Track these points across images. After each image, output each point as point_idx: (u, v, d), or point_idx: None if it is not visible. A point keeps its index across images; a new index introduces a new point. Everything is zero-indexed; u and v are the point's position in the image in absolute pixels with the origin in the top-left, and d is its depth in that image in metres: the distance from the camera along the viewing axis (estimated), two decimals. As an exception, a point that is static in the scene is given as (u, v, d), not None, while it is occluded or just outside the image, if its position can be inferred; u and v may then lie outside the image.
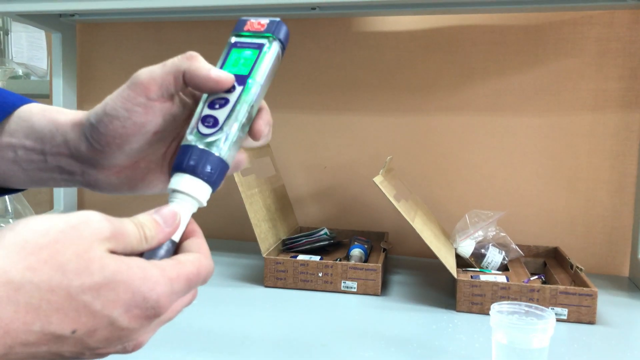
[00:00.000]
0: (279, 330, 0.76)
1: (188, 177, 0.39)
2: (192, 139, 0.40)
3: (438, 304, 0.88)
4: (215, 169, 0.40)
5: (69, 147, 0.42)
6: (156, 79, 0.39)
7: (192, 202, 0.40)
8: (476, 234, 0.99)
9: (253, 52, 0.43)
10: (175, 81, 0.40)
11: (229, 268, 1.05)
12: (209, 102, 0.41)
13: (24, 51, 1.60)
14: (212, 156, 0.40)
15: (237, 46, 0.43)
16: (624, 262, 1.11)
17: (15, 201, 1.09)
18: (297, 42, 1.27)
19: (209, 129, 0.40)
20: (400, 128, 1.22)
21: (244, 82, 0.42)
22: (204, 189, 0.40)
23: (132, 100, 0.39)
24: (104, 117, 0.40)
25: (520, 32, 1.14)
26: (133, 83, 0.39)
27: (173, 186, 0.40)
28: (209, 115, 0.41)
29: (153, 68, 0.40)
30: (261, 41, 0.44)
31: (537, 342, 0.59)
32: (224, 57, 0.43)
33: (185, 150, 0.40)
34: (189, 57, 0.40)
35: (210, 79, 0.40)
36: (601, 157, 1.12)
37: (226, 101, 0.41)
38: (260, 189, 1.04)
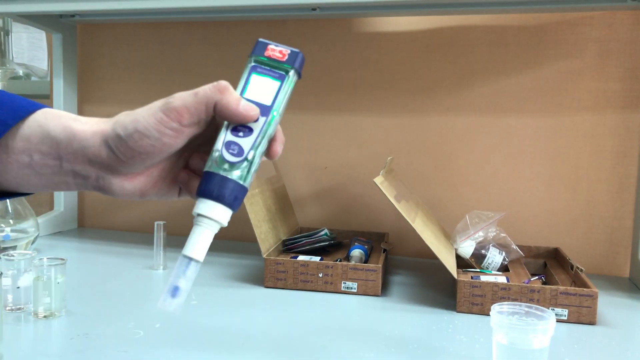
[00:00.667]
0: (279, 330, 0.76)
1: (214, 203, 0.43)
2: (217, 167, 0.43)
3: (438, 304, 0.87)
4: (239, 196, 0.43)
5: (87, 153, 0.44)
6: (189, 107, 0.42)
7: (216, 226, 0.43)
8: (476, 235, 0.98)
9: (274, 81, 0.45)
10: (206, 111, 0.43)
11: (229, 269, 1.05)
12: (232, 129, 0.44)
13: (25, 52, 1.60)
14: (237, 185, 0.43)
15: (257, 71, 0.45)
16: (625, 262, 1.11)
17: (16, 202, 1.09)
18: (297, 43, 1.26)
19: (233, 157, 0.43)
20: (400, 128, 1.22)
21: (267, 113, 0.44)
22: (227, 214, 0.44)
23: (165, 124, 0.42)
24: (135, 134, 0.42)
25: (521, 33, 1.14)
26: (167, 108, 0.42)
27: (201, 212, 0.43)
28: (232, 142, 0.43)
29: (186, 96, 0.42)
30: (282, 72, 0.46)
31: (538, 342, 0.59)
32: (245, 80, 0.45)
33: (211, 178, 0.43)
34: (221, 89, 0.43)
35: (240, 114, 0.43)
36: (602, 157, 1.12)
37: (250, 130, 0.44)
38: (260, 189, 1.04)
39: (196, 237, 0.43)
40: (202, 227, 0.43)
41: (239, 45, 1.30)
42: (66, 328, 0.75)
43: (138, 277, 0.99)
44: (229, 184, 0.43)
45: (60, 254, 0.99)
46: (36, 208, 1.16)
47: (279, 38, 1.27)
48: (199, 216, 0.43)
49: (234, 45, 1.30)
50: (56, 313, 0.78)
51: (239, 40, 1.30)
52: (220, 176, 0.43)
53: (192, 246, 0.43)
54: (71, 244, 1.25)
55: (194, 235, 0.43)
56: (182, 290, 0.42)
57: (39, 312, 0.77)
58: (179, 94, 0.43)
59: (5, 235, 1.06)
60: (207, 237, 0.43)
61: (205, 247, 0.43)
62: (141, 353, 0.67)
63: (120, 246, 1.21)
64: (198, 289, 0.92)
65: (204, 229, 0.43)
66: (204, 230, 0.43)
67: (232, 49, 1.30)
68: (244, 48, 1.30)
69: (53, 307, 0.77)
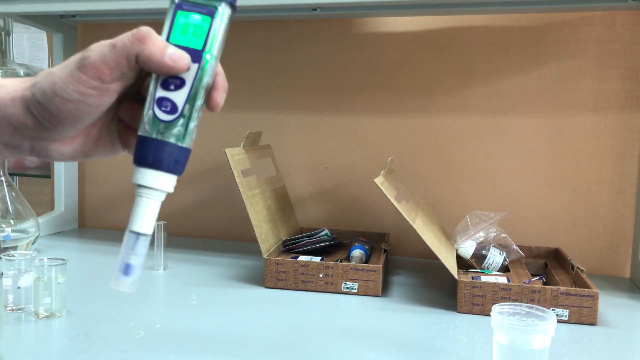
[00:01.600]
0: (279, 331, 0.76)
1: (153, 172, 0.39)
2: (150, 128, 0.39)
3: (439, 305, 0.87)
4: (180, 159, 0.39)
5: (11, 122, 0.39)
6: (108, 62, 0.37)
7: (161, 195, 0.40)
8: (477, 235, 0.98)
9: (204, 18, 0.39)
10: (128, 63, 0.38)
11: (230, 269, 1.05)
12: (162, 82, 0.39)
13: (25, 52, 1.60)
14: (176, 147, 0.39)
15: (182, 9, 0.39)
16: (625, 263, 1.11)
17: (16, 202, 1.09)
18: (297, 43, 1.27)
19: (167, 115, 0.39)
20: (401, 129, 1.22)
21: (200, 58, 0.39)
22: (170, 180, 0.40)
23: (85, 84, 0.37)
24: (54, 98, 0.38)
25: (521, 33, 1.14)
26: (84, 65, 0.37)
27: (140, 182, 0.39)
28: (164, 97, 0.39)
29: (103, 49, 0.38)
30: (211, 7, 0.39)
31: (538, 343, 0.59)
32: (169, 23, 0.39)
33: (146, 143, 0.39)
34: (141, 38, 0.37)
35: (166, 64, 0.38)
36: (602, 158, 1.11)
37: (182, 82, 0.39)
38: (261, 189, 1.04)
39: (140, 210, 0.40)
40: (144, 198, 0.39)
41: (239, 46, 1.30)
42: (67, 328, 0.75)
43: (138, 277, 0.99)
44: (166, 147, 0.38)
45: (61, 254, 0.99)
46: (37, 208, 1.16)
47: (279, 38, 1.27)
48: (140, 187, 0.39)
49: (234, 45, 1.30)
50: (57, 313, 0.78)
51: (239, 40, 1.30)
52: (155, 140, 0.38)
53: (137, 220, 0.40)
54: (72, 244, 1.25)
55: (137, 208, 0.40)
56: (134, 267, 0.40)
57: (40, 312, 0.77)
58: (96, 46, 0.38)
59: (6, 235, 1.06)
60: (152, 208, 0.40)
61: (152, 219, 0.40)
62: (141, 353, 0.67)
63: (120, 246, 1.21)
64: (198, 289, 0.92)
65: (147, 199, 0.39)
66: (147, 202, 0.39)
67: (232, 49, 1.30)
68: (245, 48, 1.30)
69: (53, 307, 0.77)
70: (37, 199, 1.49)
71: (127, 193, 1.40)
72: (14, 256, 0.80)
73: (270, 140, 1.25)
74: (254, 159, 1.07)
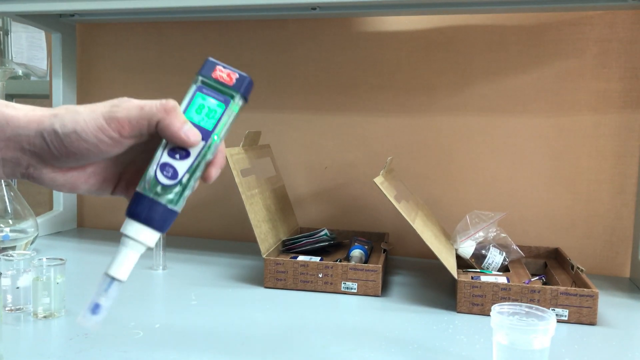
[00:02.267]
0: (278, 331, 0.75)
1: (141, 226, 0.43)
2: (149, 187, 0.42)
3: (438, 305, 0.87)
4: (169, 220, 0.43)
5: (20, 141, 0.43)
6: (132, 120, 0.42)
7: (142, 247, 0.43)
8: (477, 235, 0.98)
9: (219, 105, 0.44)
10: (148, 126, 0.42)
11: (229, 269, 1.05)
12: (169, 149, 0.43)
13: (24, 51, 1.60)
14: (167, 209, 0.43)
15: (202, 92, 0.44)
16: (625, 263, 1.11)
17: (15, 202, 1.09)
18: (297, 42, 1.27)
19: (167, 180, 0.42)
20: (400, 128, 1.22)
21: (208, 137, 0.43)
22: (154, 236, 0.43)
23: (104, 132, 0.42)
24: (72, 134, 0.41)
25: (521, 33, 1.14)
26: (110, 117, 0.42)
27: (128, 233, 0.43)
28: (168, 164, 0.43)
29: (131, 108, 0.42)
30: (228, 96, 0.44)
31: (538, 343, 0.59)
32: (189, 100, 0.44)
33: (141, 199, 0.42)
34: (168, 109, 0.42)
35: (180, 137, 0.42)
36: (602, 157, 1.11)
37: (187, 154, 0.43)
38: (260, 189, 1.04)
39: (121, 258, 0.43)
40: (127, 248, 0.43)
41: (238, 45, 1.30)
42: (65, 328, 0.74)
43: (137, 277, 0.99)
44: (158, 208, 0.42)
45: (60, 254, 0.99)
46: (35, 208, 1.16)
47: (278, 37, 1.27)
48: (125, 237, 0.43)
49: (234, 45, 1.30)
50: (56, 313, 0.77)
51: (238, 39, 1.30)
52: (150, 199, 0.42)
53: (116, 266, 0.43)
54: (70, 244, 1.25)
55: (119, 256, 0.43)
56: (102, 308, 0.43)
57: (39, 312, 0.77)
58: (126, 104, 0.42)
59: (5, 235, 1.06)
60: (132, 258, 0.43)
61: (130, 267, 0.43)
62: (141, 353, 0.67)
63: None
64: (198, 289, 0.92)
65: (130, 250, 0.43)
66: (129, 252, 0.43)
67: (231, 49, 1.30)
68: (244, 48, 1.30)
69: (52, 307, 0.77)
70: (35, 199, 1.49)
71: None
72: (13, 256, 0.79)
73: (270, 140, 1.25)
74: (253, 158, 1.07)
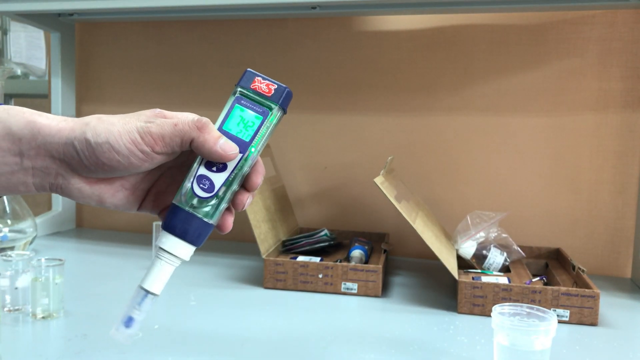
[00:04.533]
0: (278, 332, 0.75)
1: (177, 240, 0.42)
2: (185, 201, 0.42)
3: (439, 305, 0.87)
4: (204, 233, 0.43)
5: (50, 149, 0.42)
6: (165, 137, 0.41)
7: (177, 261, 0.43)
8: (478, 235, 0.98)
9: (257, 117, 0.44)
10: (181, 144, 0.42)
11: (228, 269, 1.04)
12: (205, 162, 0.43)
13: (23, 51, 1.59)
14: (203, 223, 0.42)
15: (241, 103, 0.44)
16: (627, 263, 1.11)
17: (14, 202, 1.09)
18: (297, 42, 1.26)
19: (204, 192, 0.42)
20: (401, 128, 1.22)
21: (245, 149, 0.43)
22: (189, 250, 0.43)
23: (137, 146, 0.41)
24: (105, 145, 0.41)
25: (522, 32, 1.14)
26: (145, 132, 0.41)
27: (164, 246, 0.43)
28: (205, 176, 0.42)
29: (165, 124, 0.42)
30: (266, 108, 0.44)
31: (539, 344, 0.59)
32: (227, 111, 0.44)
33: (178, 213, 0.42)
34: (201, 127, 0.42)
35: (216, 152, 0.42)
36: (604, 157, 1.11)
37: (224, 166, 0.43)
38: (260, 189, 1.04)
39: (156, 271, 0.43)
40: (163, 261, 0.43)
41: (238, 44, 1.29)
42: (64, 329, 0.74)
43: (136, 277, 0.98)
44: (194, 221, 0.42)
45: (58, 255, 0.99)
46: (34, 208, 1.16)
47: (278, 37, 1.27)
48: (161, 250, 0.43)
49: (233, 44, 1.30)
50: (54, 314, 0.77)
51: (238, 39, 1.29)
52: (186, 212, 0.42)
53: (151, 279, 0.43)
54: (69, 245, 1.24)
55: (154, 269, 0.43)
56: (135, 322, 0.43)
57: (37, 313, 0.77)
58: (160, 120, 0.42)
59: (3, 235, 1.06)
60: (167, 271, 0.43)
61: (164, 281, 0.43)
62: (140, 354, 0.66)
63: (118, 247, 1.21)
64: (197, 290, 0.92)
65: (165, 263, 0.43)
66: (164, 265, 0.43)
67: (231, 48, 1.30)
68: (244, 47, 1.29)
69: (51, 308, 0.77)
70: (34, 199, 1.49)
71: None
72: (12, 257, 0.79)
73: (270, 140, 1.25)
74: (253, 158, 1.06)
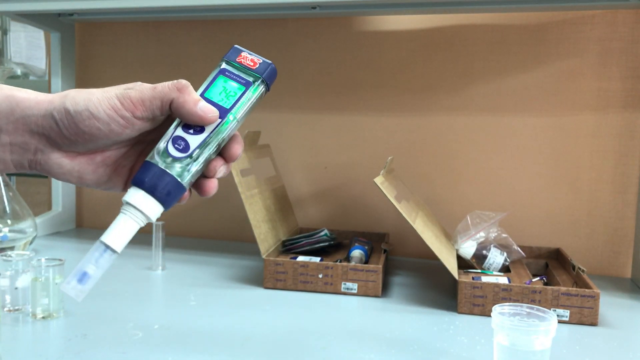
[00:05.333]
0: (278, 332, 0.75)
1: (145, 194, 0.41)
2: (158, 158, 0.41)
3: (439, 305, 0.87)
4: (173, 192, 0.42)
5: (29, 122, 0.42)
6: (145, 101, 0.42)
7: (143, 218, 0.41)
8: (478, 235, 0.98)
9: (239, 87, 0.44)
10: (161, 106, 0.42)
11: (228, 269, 1.04)
12: (184, 125, 0.43)
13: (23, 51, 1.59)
14: (174, 180, 0.41)
15: (225, 74, 0.45)
16: (627, 263, 1.11)
17: (14, 202, 1.09)
18: (297, 42, 1.26)
19: (178, 152, 0.42)
20: (401, 128, 1.22)
21: (224, 115, 0.43)
22: (157, 209, 0.42)
23: (117, 111, 0.41)
24: (84, 112, 0.41)
25: (522, 32, 1.14)
26: (124, 97, 0.41)
27: (129, 200, 0.41)
28: (181, 137, 0.42)
29: (144, 89, 0.42)
30: (249, 79, 0.45)
31: (539, 344, 0.59)
32: (210, 81, 0.45)
33: (149, 167, 0.41)
34: (180, 88, 0.42)
35: (196, 114, 0.42)
36: (604, 157, 1.11)
37: (202, 129, 0.42)
38: (260, 189, 1.04)
39: (119, 227, 0.41)
40: (127, 215, 0.41)
41: (238, 44, 1.29)
42: (64, 329, 0.74)
43: (136, 277, 0.99)
44: (164, 177, 0.41)
45: (58, 255, 0.99)
46: (34, 208, 1.15)
47: (278, 37, 1.27)
48: (127, 204, 0.41)
49: (233, 43, 1.29)
50: (54, 314, 0.77)
51: (238, 39, 1.29)
52: (157, 167, 0.41)
53: (112, 234, 0.41)
54: (69, 245, 1.24)
55: (117, 224, 0.41)
56: (90, 278, 0.40)
57: (37, 313, 0.77)
58: (139, 85, 0.42)
59: (3, 235, 1.06)
60: (130, 228, 0.41)
61: (127, 238, 0.41)
62: (140, 354, 0.66)
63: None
64: (197, 290, 0.91)
65: (129, 219, 0.41)
66: (128, 220, 0.41)
67: (230, 48, 1.30)
68: (243, 47, 1.29)
69: (51, 308, 0.77)
70: (34, 199, 1.49)
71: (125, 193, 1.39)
72: (12, 256, 0.79)
73: (269, 140, 1.25)
74: (253, 158, 1.06)
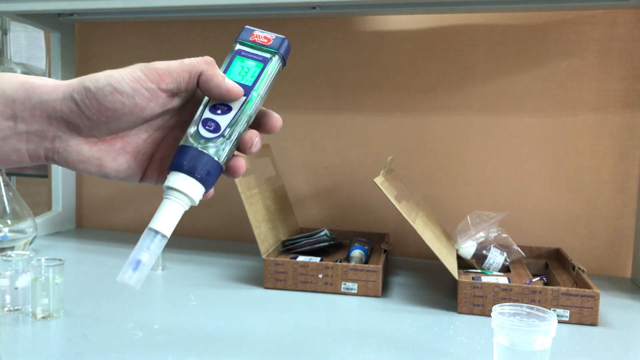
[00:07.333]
0: (278, 332, 0.75)
1: (186, 177, 0.41)
2: (193, 140, 0.42)
3: (439, 305, 0.87)
4: (213, 171, 0.42)
5: (46, 108, 0.41)
6: (172, 72, 0.41)
7: (186, 201, 0.42)
8: (478, 235, 0.98)
9: (257, 64, 0.45)
10: (189, 79, 0.42)
11: (228, 269, 1.04)
12: (210, 106, 0.43)
13: (23, 51, 1.59)
14: (212, 159, 0.42)
15: (241, 54, 0.45)
16: (627, 263, 1.11)
17: (14, 202, 1.09)
18: (297, 42, 1.26)
19: (210, 133, 0.42)
20: (401, 128, 1.22)
21: (248, 93, 0.44)
22: (199, 190, 0.42)
23: (142, 83, 0.40)
24: (107, 87, 0.40)
25: (522, 32, 1.14)
26: (148, 68, 0.41)
27: (171, 184, 0.41)
28: (210, 119, 0.43)
29: (171, 62, 0.41)
30: (266, 55, 0.45)
31: (539, 344, 0.59)
32: (228, 63, 0.45)
33: (185, 151, 0.42)
34: (208, 61, 0.42)
35: (223, 88, 0.42)
36: (603, 157, 1.11)
37: (229, 109, 0.43)
38: (260, 189, 1.04)
39: (165, 211, 0.41)
40: (171, 200, 0.41)
41: (238, 45, 1.29)
42: (64, 329, 0.74)
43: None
44: (202, 157, 0.41)
45: (58, 255, 0.99)
46: (34, 208, 1.16)
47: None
48: (169, 189, 0.41)
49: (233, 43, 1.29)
50: (54, 314, 0.77)
51: (238, 39, 1.29)
52: (193, 149, 0.41)
53: (160, 220, 0.41)
54: (69, 245, 1.24)
55: (162, 209, 0.41)
56: (144, 265, 0.40)
57: (37, 313, 0.77)
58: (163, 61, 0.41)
59: (3, 235, 1.06)
60: (176, 211, 0.41)
61: (174, 222, 0.41)
62: (140, 354, 0.66)
63: (118, 246, 1.21)
64: (197, 290, 0.91)
65: (174, 202, 0.41)
66: (173, 205, 0.41)
67: (230, 48, 1.29)
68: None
69: (51, 308, 0.77)
70: (34, 199, 1.49)
71: (125, 193, 1.39)
72: (12, 256, 0.79)
73: (269, 140, 1.25)
74: (253, 158, 1.06)
